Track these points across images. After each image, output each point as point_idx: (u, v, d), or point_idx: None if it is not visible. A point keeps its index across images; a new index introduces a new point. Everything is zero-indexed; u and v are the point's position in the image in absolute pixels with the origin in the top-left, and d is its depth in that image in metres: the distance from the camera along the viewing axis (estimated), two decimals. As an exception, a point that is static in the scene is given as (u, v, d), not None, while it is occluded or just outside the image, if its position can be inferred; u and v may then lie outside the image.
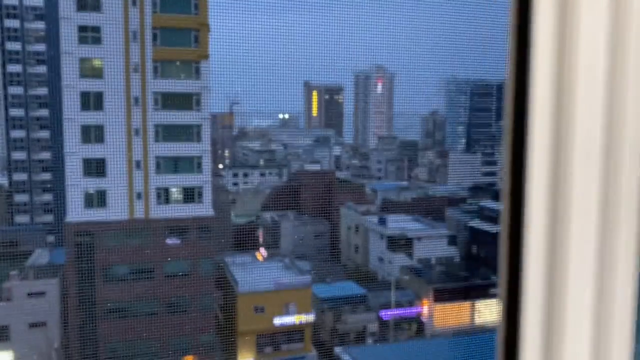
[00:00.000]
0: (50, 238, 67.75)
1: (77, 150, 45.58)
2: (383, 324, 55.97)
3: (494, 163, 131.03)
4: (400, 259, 64.04)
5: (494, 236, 66.74)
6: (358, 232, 73.31)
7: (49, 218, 71.35)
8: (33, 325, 47.39)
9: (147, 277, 47.51)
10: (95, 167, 46.25)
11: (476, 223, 71.60)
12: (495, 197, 74.71)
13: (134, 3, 46.02)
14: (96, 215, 46.14)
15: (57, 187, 65.70)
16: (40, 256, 57.43)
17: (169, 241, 48.04)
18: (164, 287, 47.34)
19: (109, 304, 46.55)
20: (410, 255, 64.80)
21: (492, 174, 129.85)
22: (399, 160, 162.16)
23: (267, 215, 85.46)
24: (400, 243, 65.24)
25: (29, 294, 47.68)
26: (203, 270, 48.57)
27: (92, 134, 46.08)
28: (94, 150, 46.04)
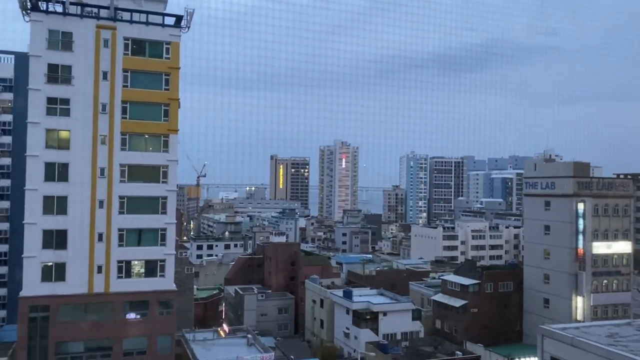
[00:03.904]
0: (2, 313, 64.09)
1: (38, 221, 44.54)
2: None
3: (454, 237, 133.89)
4: (365, 334, 63.27)
5: (457, 310, 67.21)
6: (323, 306, 72.38)
7: (2, 292, 67.89)
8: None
9: (104, 355, 45.36)
10: (55, 239, 45.08)
11: (439, 297, 72.12)
12: (458, 270, 75.93)
13: (105, 77, 47.06)
14: (53, 289, 44.50)
15: (14, 260, 63.19)
16: (-10, 333, 54.29)
17: (128, 316, 46.43)
18: (121, 365, 45.22)
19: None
20: (375, 330, 64.14)
21: (453, 247, 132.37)
22: (363, 233, 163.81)
23: (231, 289, 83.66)
24: (365, 317, 64.68)
25: (-28, 375, 44.81)
26: (162, 347, 46.79)
27: (55, 204, 45.29)
28: (56, 222, 45.13)
